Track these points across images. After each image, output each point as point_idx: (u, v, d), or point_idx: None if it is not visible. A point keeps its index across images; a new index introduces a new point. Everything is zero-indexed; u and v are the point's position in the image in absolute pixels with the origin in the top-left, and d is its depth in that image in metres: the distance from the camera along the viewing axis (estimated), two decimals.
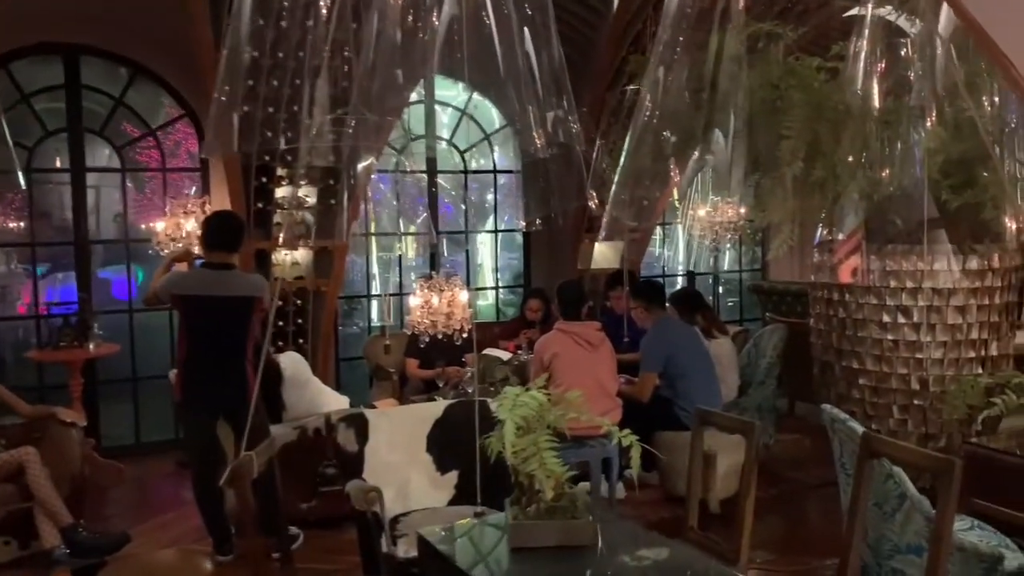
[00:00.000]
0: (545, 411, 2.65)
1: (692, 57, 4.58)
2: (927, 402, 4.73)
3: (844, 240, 4.28)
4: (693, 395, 4.96)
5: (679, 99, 4.72)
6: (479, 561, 2.64)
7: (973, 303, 4.64)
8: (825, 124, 4.05)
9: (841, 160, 4.01)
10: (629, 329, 6.03)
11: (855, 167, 4.04)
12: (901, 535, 3.08)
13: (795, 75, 4.59)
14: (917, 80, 3.89)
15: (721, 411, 5.23)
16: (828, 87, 4.23)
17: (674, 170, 6.10)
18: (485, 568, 2.59)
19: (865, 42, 3.90)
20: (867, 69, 3.87)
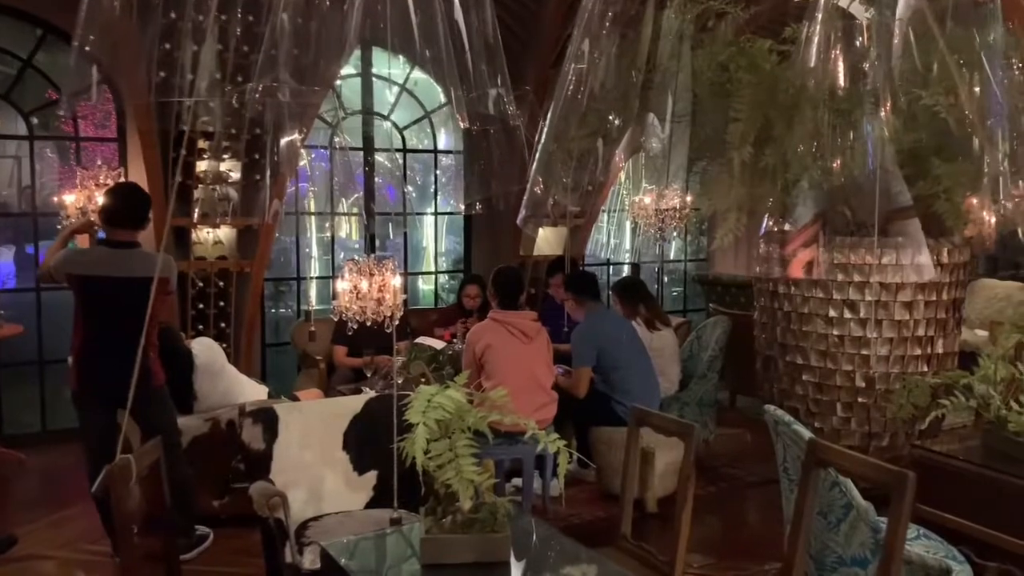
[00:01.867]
0: (464, 412, 2.38)
1: (624, 32, 4.33)
2: (871, 400, 4.58)
3: (799, 232, 4.08)
4: (630, 390, 4.75)
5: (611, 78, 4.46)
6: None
7: (921, 299, 4.50)
8: (777, 109, 3.84)
9: (792, 147, 3.80)
10: (570, 318, 5.80)
11: (806, 155, 3.83)
12: (846, 546, 2.89)
13: (745, 56, 4.38)
14: (872, 67, 3.69)
15: (661, 405, 5.09)
16: (779, 70, 4.02)
17: (619, 156, 5.89)
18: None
19: (819, 26, 3.68)
20: (821, 54, 3.66)
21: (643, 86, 4.00)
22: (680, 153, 4.02)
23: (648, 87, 4.00)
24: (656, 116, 3.99)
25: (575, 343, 4.92)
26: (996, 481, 3.29)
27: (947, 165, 4.00)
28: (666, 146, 3.96)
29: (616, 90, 3.94)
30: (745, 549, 4.40)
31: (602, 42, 3.72)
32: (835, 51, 3.66)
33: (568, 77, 3.61)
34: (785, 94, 3.86)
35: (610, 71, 3.86)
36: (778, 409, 3.09)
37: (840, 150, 3.88)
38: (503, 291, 4.57)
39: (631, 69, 3.94)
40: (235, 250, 5.99)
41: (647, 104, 4.02)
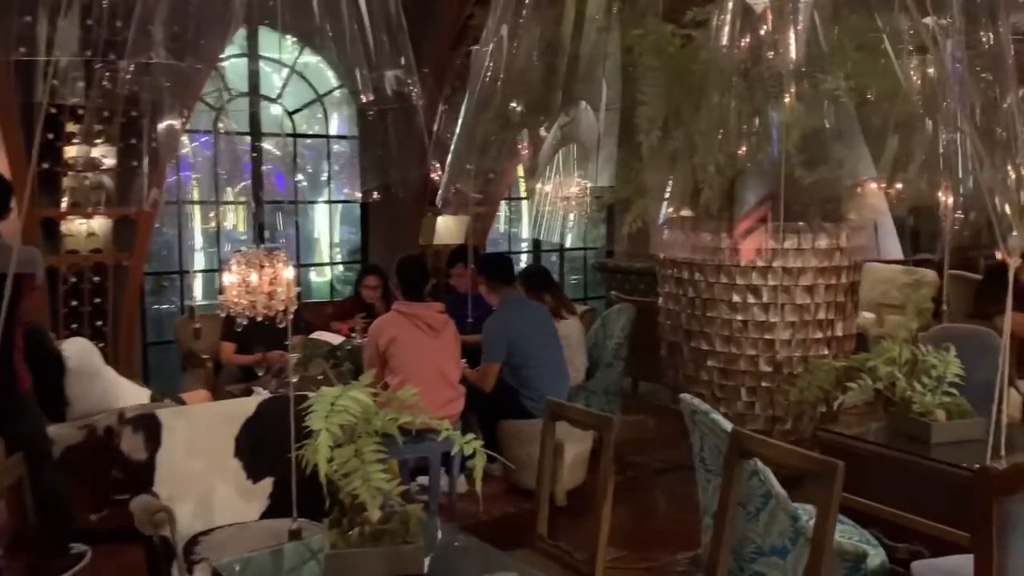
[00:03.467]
0: (371, 415, 2.18)
1: (543, 17, 4.18)
2: (775, 384, 4.61)
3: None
4: (540, 383, 4.63)
5: (528, 64, 4.31)
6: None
7: (821, 283, 4.55)
8: (684, 93, 3.77)
9: (699, 132, 3.74)
10: (474, 309, 5.64)
11: (712, 139, 3.78)
12: (765, 536, 2.85)
13: (649, 39, 4.31)
14: (777, 50, 3.66)
15: (568, 395, 4.99)
16: (684, 54, 3.96)
17: (523, 144, 5.75)
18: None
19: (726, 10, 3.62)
20: (727, 38, 3.60)
21: (568, 73, 3.85)
22: (609, 140, 3.90)
23: (573, 74, 3.86)
24: (586, 103, 3.85)
25: (486, 336, 4.76)
26: (902, 462, 3.32)
27: (848, 150, 4.04)
28: (596, 135, 3.84)
29: (535, 76, 3.78)
30: (656, 539, 4.35)
31: (520, 27, 3.55)
32: (741, 35, 3.61)
33: (485, 61, 3.43)
34: (693, 77, 3.80)
35: (529, 58, 3.69)
36: (695, 398, 3.02)
37: (746, 135, 3.85)
38: (408, 282, 4.35)
39: (552, 55, 3.79)
40: (111, 242, 5.55)
41: (571, 92, 3.88)
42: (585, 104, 3.81)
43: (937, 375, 3.43)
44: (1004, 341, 2.82)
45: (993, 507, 2.31)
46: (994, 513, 2.31)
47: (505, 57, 3.37)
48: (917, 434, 3.36)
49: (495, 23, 3.33)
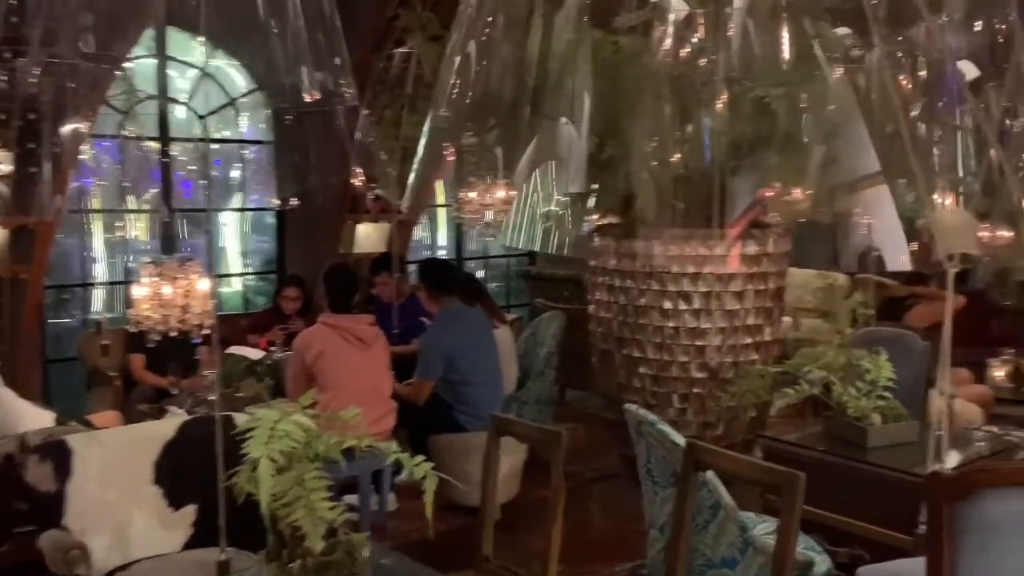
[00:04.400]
0: (315, 439, 2.03)
1: (513, 35, 4.03)
2: (706, 390, 4.62)
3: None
4: (476, 398, 4.51)
5: (498, 80, 4.14)
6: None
7: (750, 288, 4.59)
8: (620, 99, 3.72)
9: (635, 138, 3.70)
10: (400, 319, 5.49)
11: (647, 146, 3.75)
12: (715, 548, 2.80)
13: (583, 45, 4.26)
14: (709, 57, 3.65)
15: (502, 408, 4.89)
16: (618, 59, 3.92)
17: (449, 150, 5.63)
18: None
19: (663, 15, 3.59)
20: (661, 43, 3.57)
21: (536, 87, 3.75)
22: (579, 156, 3.81)
23: (542, 88, 3.76)
24: (565, 119, 3.76)
25: (423, 351, 4.61)
26: (840, 467, 3.35)
27: (778, 156, 4.08)
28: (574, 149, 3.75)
29: (504, 92, 3.65)
30: (595, 550, 4.29)
31: (489, 44, 3.43)
32: (674, 42, 3.59)
33: (451, 77, 3.29)
34: (627, 83, 3.76)
35: (498, 72, 3.57)
36: (641, 408, 2.97)
37: (680, 142, 3.84)
38: (336, 292, 4.16)
39: (522, 70, 3.68)
40: (7, 254, 5.17)
41: (541, 107, 3.78)
42: (565, 120, 3.72)
43: (871, 379, 3.47)
44: (944, 348, 2.86)
45: (944, 511, 2.32)
46: (945, 517, 2.32)
47: (473, 74, 3.24)
48: (854, 438, 3.40)
49: (461, 39, 3.21)
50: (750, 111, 3.98)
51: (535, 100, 3.66)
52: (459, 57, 3.15)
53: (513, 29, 3.49)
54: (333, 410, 2.24)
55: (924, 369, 4.38)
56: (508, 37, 3.43)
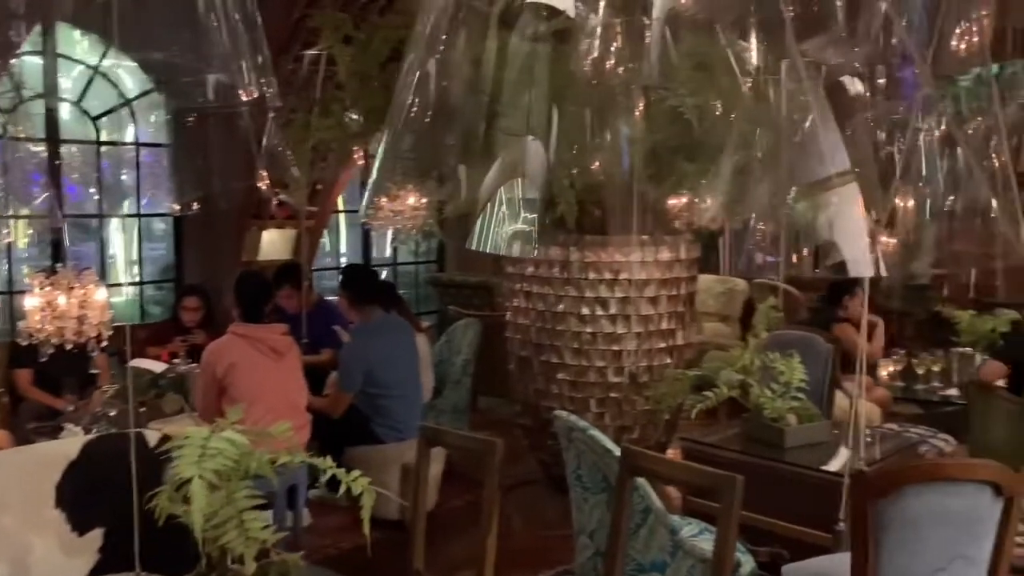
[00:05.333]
0: (248, 457, 1.93)
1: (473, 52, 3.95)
2: (623, 394, 4.68)
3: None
4: (394, 410, 4.43)
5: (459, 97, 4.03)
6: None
7: (664, 294, 4.67)
8: (541, 104, 3.71)
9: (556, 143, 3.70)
10: (309, 328, 5.33)
11: (567, 153, 3.76)
12: (645, 552, 2.82)
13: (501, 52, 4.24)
14: (627, 65, 3.69)
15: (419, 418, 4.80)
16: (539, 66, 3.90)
17: (357, 151, 5.53)
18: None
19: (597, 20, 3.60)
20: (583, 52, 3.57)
21: (491, 103, 3.68)
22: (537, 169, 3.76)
23: (495, 104, 3.69)
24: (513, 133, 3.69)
25: (343, 363, 4.48)
26: (758, 467, 3.43)
27: (692, 165, 4.16)
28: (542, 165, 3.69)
29: (464, 109, 3.57)
30: (515, 559, 4.24)
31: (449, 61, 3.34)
32: (594, 49, 3.60)
33: (409, 96, 3.19)
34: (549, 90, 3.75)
35: (459, 90, 3.48)
36: (571, 415, 2.96)
37: (597, 148, 3.86)
38: (248, 301, 3.99)
39: (479, 87, 3.60)
40: None
41: (496, 122, 3.71)
42: (532, 137, 3.67)
43: (785, 380, 3.58)
44: (860, 352, 2.97)
45: (868, 509, 2.40)
46: (869, 515, 2.40)
47: (434, 91, 3.16)
48: (771, 439, 3.49)
49: (421, 56, 3.13)
50: (666, 120, 4.04)
51: (495, 116, 3.62)
52: (417, 75, 3.09)
53: (471, 46, 3.44)
54: (247, 424, 2.14)
55: (829, 370, 4.56)
56: (466, 54, 3.38)
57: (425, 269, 9.00)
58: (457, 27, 3.24)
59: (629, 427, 4.76)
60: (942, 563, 2.41)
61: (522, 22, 3.54)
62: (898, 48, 2.90)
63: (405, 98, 3.06)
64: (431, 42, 3.10)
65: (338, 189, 7.09)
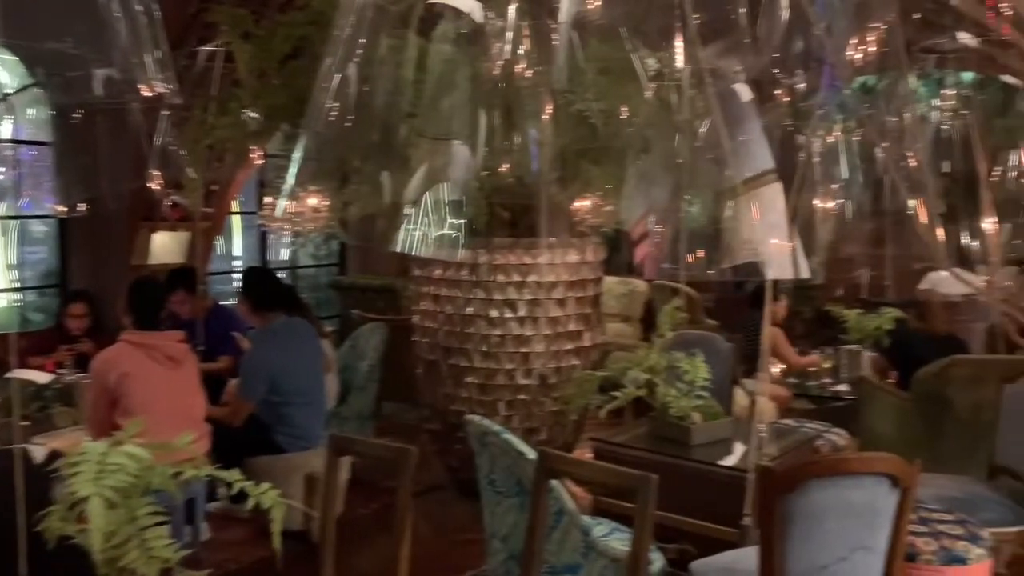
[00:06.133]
0: (149, 472, 1.82)
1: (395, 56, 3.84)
2: (531, 396, 4.69)
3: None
4: (298, 418, 4.29)
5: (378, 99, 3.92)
6: None
7: (571, 295, 4.70)
8: (463, 107, 3.68)
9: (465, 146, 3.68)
10: (206, 335, 5.13)
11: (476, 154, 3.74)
12: (558, 554, 2.82)
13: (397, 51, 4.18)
14: (536, 68, 3.70)
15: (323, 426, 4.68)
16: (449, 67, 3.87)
17: (256, 151, 5.37)
18: None
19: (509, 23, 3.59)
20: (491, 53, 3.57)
21: (411, 107, 3.59)
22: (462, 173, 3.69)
23: (416, 108, 3.60)
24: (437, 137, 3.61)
25: (245, 371, 4.30)
26: (665, 465, 3.48)
27: (597, 168, 4.21)
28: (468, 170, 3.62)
29: (384, 111, 3.46)
30: (424, 566, 4.16)
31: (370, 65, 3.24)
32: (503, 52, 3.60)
33: (327, 100, 3.07)
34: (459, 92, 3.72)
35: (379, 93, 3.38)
36: (484, 419, 2.93)
37: (506, 151, 3.86)
38: (142, 308, 3.79)
39: (397, 91, 3.50)
40: None
41: (414, 126, 3.62)
42: (460, 142, 3.60)
43: (689, 379, 3.66)
44: (763, 349, 3.05)
45: (774, 503, 2.47)
46: (775, 509, 2.47)
47: (353, 96, 3.06)
48: (677, 437, 3.56)
49: (341, 59, 3.02)
50: (573, 123, 4.08)
51: (417, 120, 3.55)
52: (336, 79, 3.00)
53: (391, 51, 3.37)
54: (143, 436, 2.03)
55: (730, 369, 4.70)
56: (387, 58, 3.31)
57: (326, 272, 8.81)
58: (377, 31, 3.18)
59: (537, 429, 4.77)
60: (843, 553, 2.50)
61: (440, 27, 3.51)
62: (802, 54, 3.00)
63: (324, 101, 2.98)
64: (350, 45, 3.02)
65: (234, 190, 6.86)
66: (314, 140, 3.11)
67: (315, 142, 3.14)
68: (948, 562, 2.83)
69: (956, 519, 3.03)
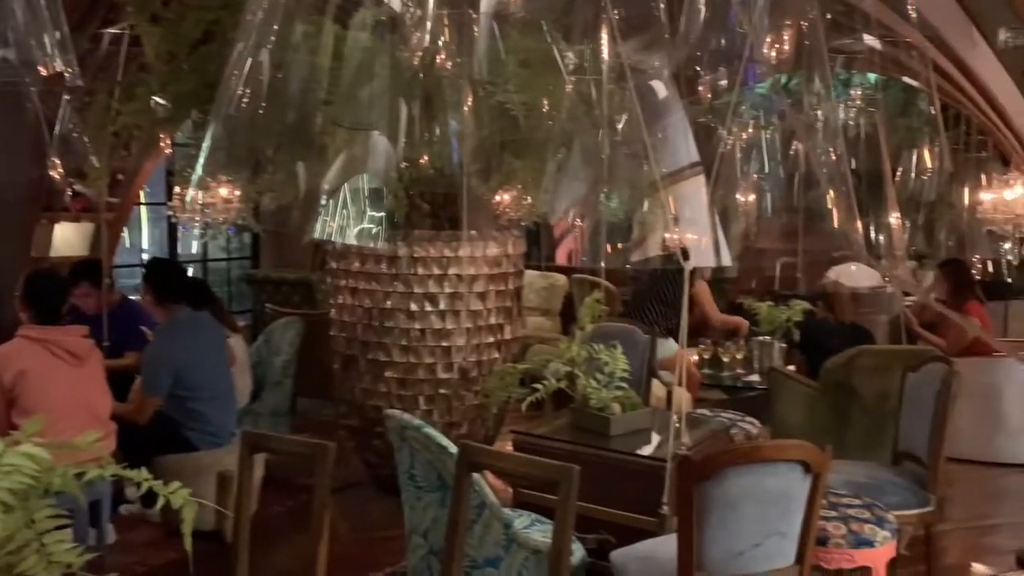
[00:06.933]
0: (49, 473, 1.72)
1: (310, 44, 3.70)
2: (452, 390, 4.66)
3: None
4: (207, 414, 4.16)
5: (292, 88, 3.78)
6: None
7: (492, 289, 4.69)
8: (383, 97, 3.61)
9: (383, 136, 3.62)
10: (111, 330, 4.92)
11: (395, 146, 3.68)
12: (479, 548, 2.81)
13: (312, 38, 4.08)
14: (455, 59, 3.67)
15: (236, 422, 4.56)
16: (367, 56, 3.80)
17: (164, 139, 5.18)
18: None
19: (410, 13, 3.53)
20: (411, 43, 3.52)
21: (328, 96, 3.47)
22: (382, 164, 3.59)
23: (334, 97, 3.48)
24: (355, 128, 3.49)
25: (148, 364, 4.15)
26: (585, 456, 3.50)
27: (520, 161, 4.20)
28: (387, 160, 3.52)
29: (298, 101, 3.33)
30: (343, 564, 4.10)
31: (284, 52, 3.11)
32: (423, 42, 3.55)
33: (238, 86, 2.94)
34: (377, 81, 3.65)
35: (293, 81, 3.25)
36: (405, 413, 2.90)
37: (426, 142, 3.82)
38: (41, 301, 3.60)
39: (314, 79, 3.38)
40: None
41: (332, 116, 3.50)
42: (379, 133, 3.50)
43: (609, 371, 3.69)
44: (680, 342, 3.09)
45: (693, 491, 2.51)
46: (694, 497, 2.52)
47: (266, 83, 2.94)
48: (597, 428, 3.58)
49: (253, 44, 2.89)
50: (494, 115, 4.06)
51: (334, 109, 3.45)
52: (248, 64, 2.89)
53: (306, 37, 3.26)
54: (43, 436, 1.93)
55: (647, 360, 4.77)
56: (301, 45, 3.21)
57: (239, 266, 8.58)
58: (291, 16, 3.09)
59: (458, 423, 4.74)
60: (759, 539, 2.56)
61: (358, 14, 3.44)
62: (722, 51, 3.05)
63: (234, 87, 2.88)
64: (263, 31, 2.93)
65: (141, 180, 6.60)
66: (224, 127, 3.01)
67: (225, 129, 3.03)
68: (857, 545, 2.93)
69: (863, 503, 3.14)
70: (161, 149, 5.41)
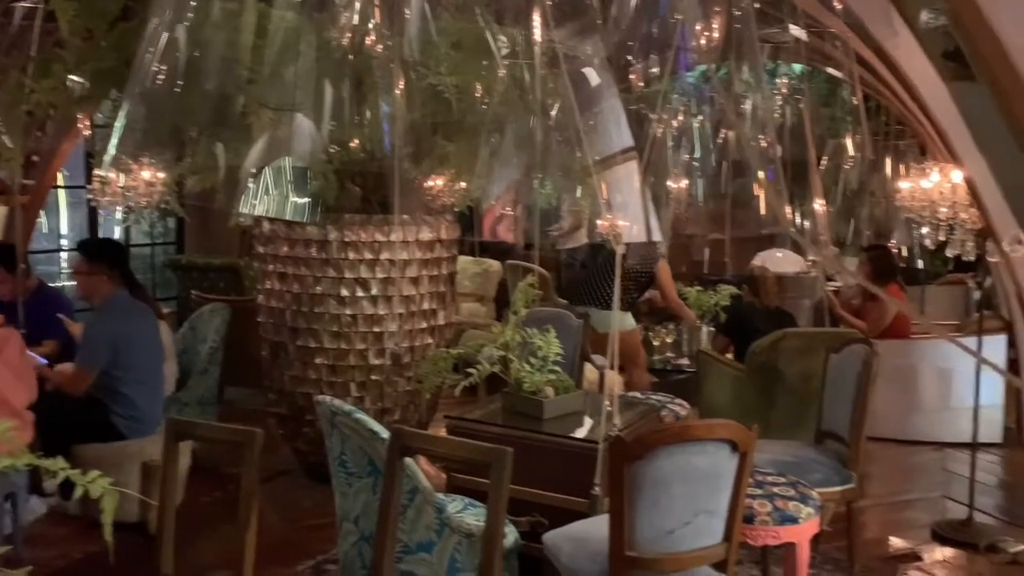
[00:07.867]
0: None
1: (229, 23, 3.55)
2: (384, 376, 4.62)
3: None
4: (136, 399, 4.05)
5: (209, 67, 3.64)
6: None
7: (425, 274, 4.66)
8: (307, 78, 3.52)
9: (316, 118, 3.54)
10: (28, 318, 4.73)
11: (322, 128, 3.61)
12: (412, 533, 2.80)
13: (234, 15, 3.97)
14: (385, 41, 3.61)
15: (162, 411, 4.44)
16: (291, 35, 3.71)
17: (82, 119, 4.99)
18: None
19: None
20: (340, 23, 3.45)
21: (251, 77, 3.34)
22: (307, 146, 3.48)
23: (257, 78, 3.36)
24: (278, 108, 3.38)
25: (88, 337, 4.09)
26: (518, 439, 3.50)
27: (452, 145, 4.17)
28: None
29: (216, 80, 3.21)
30: (273, 553, 4.05)
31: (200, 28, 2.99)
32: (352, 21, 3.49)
33: (152, 63, 2.81)
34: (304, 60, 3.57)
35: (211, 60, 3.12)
36: (335, 399, 2.86)
37: (357, 125, 3.76)
38: None
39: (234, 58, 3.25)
40: None
41: (255, 97, 3.38)
42: (302, 116, 3.39)
43: (543, 355, 3.70)
44: (612, 331, 3.12)
45: (625, 471, 2.54)
46: (625, 477, 2.54)
47: (183, 60, 2.82)
48: (530, 411, 3.59)
49: (168, 21, 2.77)
50: (426, 98, 4.02)
51: (257, 88, 3.35)
52: (164, 40, 2.78)
53: (227, 15, 3.15)
54: None
55: (580, 344, 4.80)
56: (222, 21, 3.10)
57: (162, 251, 8.33)
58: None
59: (390, 409, 4.71)
60: (688, 517, 2.60)
61: None
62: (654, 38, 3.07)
63: (149, 64, 2.77)
64: (179, 6, 2.82)
65: (58, 161, 6.35)
66: (138, 105, 2.91)
67: (140, 108, 2.93)
68: (782, 522, 3.01)
69: (788, 481, 3.23)
70: (79, 130, 5.21)
